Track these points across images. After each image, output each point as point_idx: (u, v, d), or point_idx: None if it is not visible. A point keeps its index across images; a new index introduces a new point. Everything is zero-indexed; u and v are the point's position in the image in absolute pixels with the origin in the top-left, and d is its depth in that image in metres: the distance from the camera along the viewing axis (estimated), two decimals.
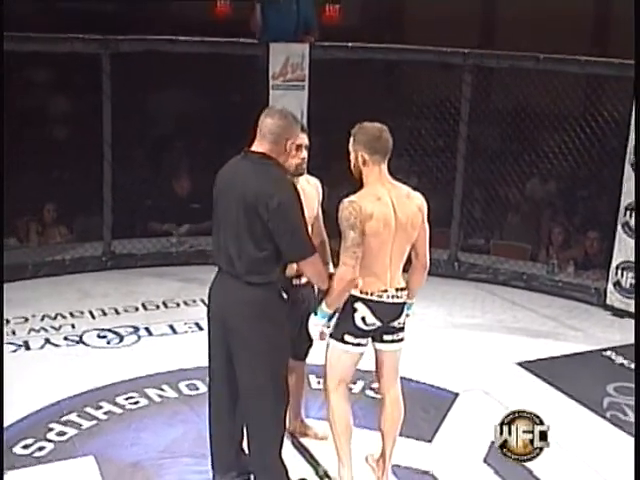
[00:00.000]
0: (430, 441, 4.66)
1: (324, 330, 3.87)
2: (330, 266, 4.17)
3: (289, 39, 7.09)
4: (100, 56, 6.83)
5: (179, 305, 6.54)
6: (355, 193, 3.82)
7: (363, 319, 3.85)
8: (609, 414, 5.08)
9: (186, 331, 6.06)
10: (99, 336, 5.92)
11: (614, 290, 6.70)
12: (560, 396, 5.29)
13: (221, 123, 7.97)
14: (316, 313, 3.83)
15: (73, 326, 6.06)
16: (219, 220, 3.79)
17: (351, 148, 3.88)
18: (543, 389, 5.39)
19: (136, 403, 4.97)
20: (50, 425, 4.67)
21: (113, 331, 6.00)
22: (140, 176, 8.20)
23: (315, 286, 4.03)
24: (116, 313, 6.33)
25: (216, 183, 3.83)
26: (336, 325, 3.88)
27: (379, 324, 3.88)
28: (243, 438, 4.00)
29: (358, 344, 3.89)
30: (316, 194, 4.24)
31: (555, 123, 7.47)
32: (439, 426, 4.81)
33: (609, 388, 5.40)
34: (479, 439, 4.65)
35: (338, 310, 3.85)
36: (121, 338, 5.91)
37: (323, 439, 4.44)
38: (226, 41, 7.18)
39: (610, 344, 6.11)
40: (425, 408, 4.99)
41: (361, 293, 3.83)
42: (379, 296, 3.85)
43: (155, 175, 8.40)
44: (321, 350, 4.02)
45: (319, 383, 4.86)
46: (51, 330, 5.97)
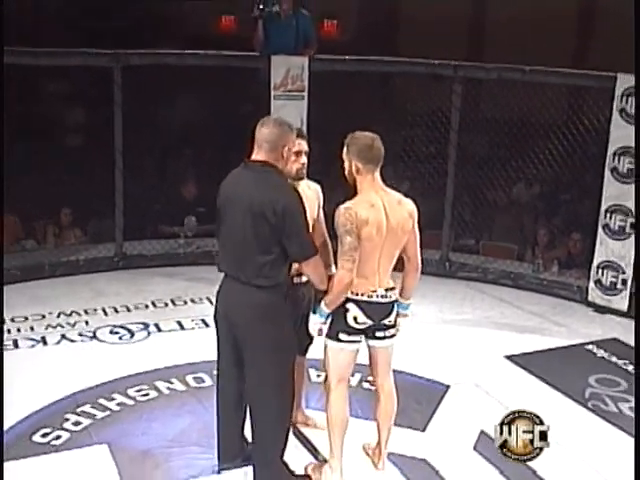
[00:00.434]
0: (423, 430, 4.67)
1: (322, 328, 3.87)
2: (332, 267, 4.16)
3: (289, 52, 7.09)
4: (112, 69, 6.83)
5: (186, 303, 6.54)
6: (349, 199, 3.82)
7: (355, 318, 3.86)
8: (590, 404, 5.09)
9: (193, 327, 6.06)
10: (111, 332, 5.92)
11: (595, 288, 6.71)
12: (545, 387, 5.30)
13: (225, 131, 7.96)
14: (315, 312, 3.84)
15: (87, 323, 6.06)
16: (225, 229, 3.78)
17: (345, 157, 3.86)
18: (529, 381, 5.40)
19: (146, 395, 4.98)
20: (66, 415, 4.68)
21: (125, 327, 6.00)
22: (149, 182, 8.21)
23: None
24: (127, 310, 6.34)
25: (220, 193, 3.81)
26: (330, 325, 3.89)
27: (370, 322, 3.89)
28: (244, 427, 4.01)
29: (352, 341, 3.90)
30: (316, 198, 4.24)
31: (540, 131, 7.48)
32: (431, 416, 4.82)
33: (591, 380, 5.41)
34: (469, 428, 4.67)
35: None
36: (132, 334, 5.91)
37: (322, 429, 4.44)
38: (230, 54, 7.18)
39: (592, 338, 6.12)
40: (418, 399, 5.00)
41: (352, 294, 3.83)
42: (369, 296, 3.85)
43: (163, 181, 8.40)
44: (320, 345, 4.03)
45: (318, 377, 4.89)
46: (67, 326, 5.98)
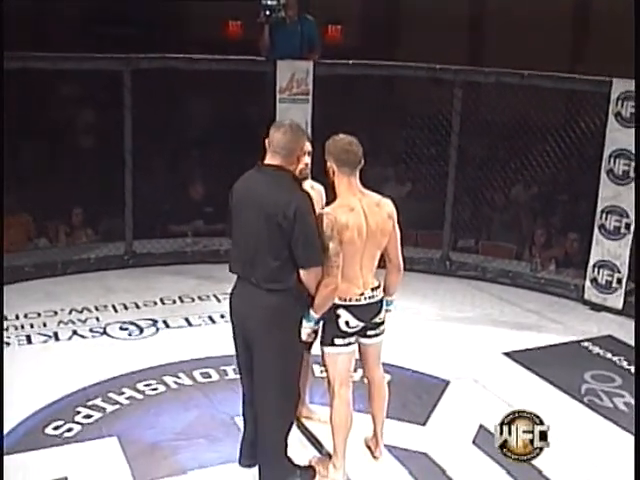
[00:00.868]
0: (424, 424, 4.68)
1: (315, 331, 3.86)
2: None
3: (295, 57, 7.09)
4: (122, 73, 6.84)
5: (194, 300, 6.54)
6: (332, 202, 3.80)
7: (347, 323, 3.86)
8: (586, 399, 5.09)
9: (200, 324, 6.07)
10: (121, 328, 5.93)
11: (591, 286, 6.70)
12: (542, 383, 5.30)
13: (232, 133, 7.96)
14: (305, 317, 3.79)
15: (98, 319, 6.07)
16: (238, 231, 3.74)
17: (326, 159, 3.83)
18: (527, 377, 5.40)
19: (155, 389, 4.99)
20: (77, 409, 4.70)
21: (134, 324, 6.01)
22: (158, 182, 8.22)
23: None
24: (137, 307, 6.34)
25: (233, 196, 3.76)
26: (324, 332, 3.88)
27: (362, 324, 3.89)
28: None
29: (348, 343, 3.90)
30: (320, 199, 4.23)
31: (538, 134, 7.46)
32: (432, 411, 4.83)
33: (586, 376, 5.41)
34: (469, 423, 4.67)
35: (324, 315, 3.82)
36: (141, 330, 5.92)
37: (325, 423, 4.44)
38: (237, 59, 7.18)
39: (587, 336, 6.12)
40: (419, 394, 5.01)
41: (340, 300, 3.81)
42: (357, 300, 3.84)
43: (172, 181, 8.40)
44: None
45: (322, 372, 4.88)
46: (78, 322, 5.99)
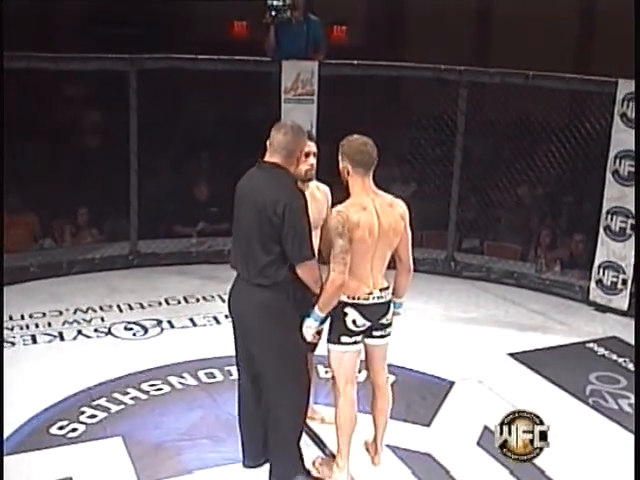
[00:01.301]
0: (428, 425, 4.68)
1: (320, 331, 3.85)
2: None
3: (300, 57, 7.10)
4: (127, 73, 6.85)
5: (198, 300, 6.55)
6: (343, 202, 3.81)
7: (354, 321, 3.85)
8: (591, 400, 5.08)
9: (205, 324, 6.08)
10: (126, 328, 5.93)
11: (596, 287, 6.69)
12: (547, 384, 5.29)
13: (237, 133, 7.97)
14: (309, 316, 3.79)
15: (103, 319, 6.08)
16: (236, 227, 3.80)
17: (340, 159, 3.85)
18: (532, 378, 5.39)
19: (159, 390, 5.00)
20: (82, 409, 4.70)
21: (139, 324, 6.02)
22: (163, 183, 8.23)
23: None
24: (141, 307, 6.35)
25: (236, 193, 3.82)
26: (330, 330, 3.88)
27: (369, 324, 3.88)
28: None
29: (354, 342, 3.89)
30: (325, 200, 4.24)
31: (543, 134, 7.45)
32: (436, 412, 4.82)
33: (591, 377, 5.40)
34: (473, 424, 4.67)
35: (330, 314, 3.82)
36: (146, 330, 5.93)
37: (330, 423, 4.44)
38: (242, 59, 7.18)
39: (592, 337, 6.11)
40: (424, 395, 5.00)
41: (349, 298, 3.81)
42: (365, 299, 3.84)
43: (177, 182, 8.41)
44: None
45: (326, 372, 4.88)
46: (83, 322, 5.99)
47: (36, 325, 5.89)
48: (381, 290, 3.89)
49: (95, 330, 5.88)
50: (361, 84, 7.90)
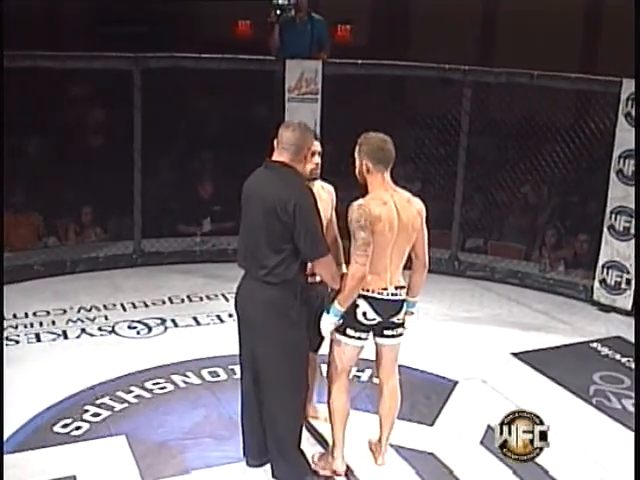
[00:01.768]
0: (432, 425, 4.68)
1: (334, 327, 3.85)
2: (342, 267, 4.14)
3: (304, 56, 7.10)
4: (131, 72, 6.85)
5: (202, 299, 6.55)
6: (361, 197, 3.82)
7: (364, 314, 3.85)
8: (595, 400, 5.08)
9: (208, 323, 6.08)
10: (130, 327, 5.94)
11: (600, 287, 6.68)
12: (550, 384, 5.29)
13: (241, 132, 7.98)
14: (329, 311, 3.80)
15: (106, 317, 6.09)
16: (244, 225, 3.80)
17: (357, 156, 3.87)
18: (535, 377, 5.39)
19: (163, 388, 5.00)
20: (86, 407, 4.71)
21: (142, 322, 6.02)
22: (167, 182, 8.23)
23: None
24: (145, 306, 6.36)
25: (243, 192, 3.83)
26: (341, 321, 3.88)
27: (379, 319, 3.88)
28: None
29: (359, 337, 3.90)
30: (330, 200, 4.23)
31: (547, 134, 7.44)
32: (440, 411, 4.82)
33: (595, 377, 5.39)
34: (476, 423, 4.67)
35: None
36: (149, 329, 5.93)
37: None
38: (246, 58, 7.19)
39: (596, 336, 6.10)
40: (427, 395, 5.00)
41: (363, 290, 3.82)
42: (379, 293, 3.85)
43: (180, 181, 8.42)
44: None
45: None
46: (87, 321, 6.00)
47: (40, 323, 5.90)
48: (396, 288, 3.89)
49: (99, 329, 5.89)
50: (365, 83, 7.90)
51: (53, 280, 6.78)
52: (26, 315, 6.01)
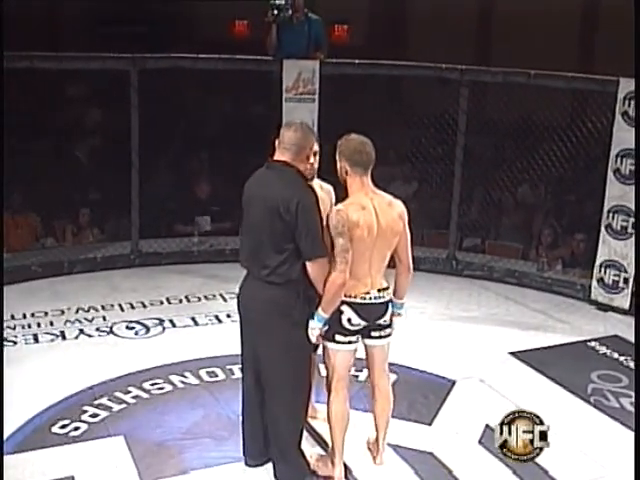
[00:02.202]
0: (430, 424, 4.67)
1: (320, 333, 3.83)
2: None
3: (301, 56, 7.09)
4: (129, 72, 6.84)
5: (200, 299, 6.54)
6: (343, 201, 3.82)
7: (349, 320, 3.84)
8: (593, 399, 5.08)
9: (207, 323, 6.07)
10: (128, 327, 5.93)
11: (598, 286, 6.68)
12: (548, 383, 5.29)
13: (238, 132, 7.97)
14: (313, 317, 3.79)
15: (104, 318, 6.08)
16: (246, 225, 3.80)
17: (337, 158, 3.85)
18: (533, 377, 5.38)
19: (161, 389, 4.99)
20: (84, 408, 4.70)
21: (140, 323, 6.02)
22: (164, 182, 8.22)
23: None
24: (143, 306, 6.35)
25: (244, 193, 3.83)
26: (326, 327, 3.87)
27: (365, 323, 3.87)
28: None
29: (349, 342, 3.89)
30: (328, 199, 4.22)
31: (544, 133, 7.45)
32: (438, 410, 4.82)
33: (593, 376, 5.39)
34: (475, 423, 4.66)
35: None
36: (147, 329, 5.93)
37: None
38: (243, 58, 7.18)
39: (594, 335, 6.10)
40: (425, 394, 5.00)
41: (345, 296, 3.80)
42: (362, 298, 3.84)
43: (178, 181, 8.41)
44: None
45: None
46: (85, 322, 6.00)
47: (38, 324, 5.90)
48: (379, 290, 3.88)
49: (97, 329, 5.88)
50: (362, 83, 7.90)
51: (51, 281, 6.78)
52: (24, 316, 6.00)
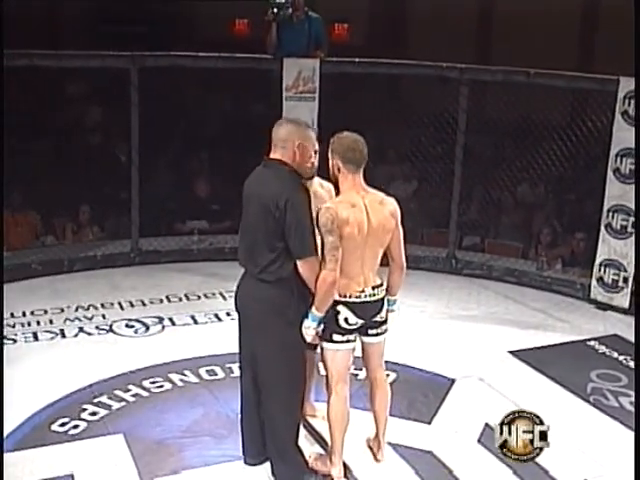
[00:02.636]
0: (429, 423, 4.67)
1: (317, 331, 3.82)
2: None
3: (301, 54, 7.09)
4: (129, 71, 6.84)
5: (200, 298, 6.54)
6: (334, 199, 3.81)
7: (346, 320, 3.84)
8: (592, 398, 5.07)
9: (206, 322, 6.07)
10: (127, 325, 5.93)
11: (597, 285, 6.68)
12: (547, 382, 5.28)
13: (238, 131, 7.97)
14: (307, 317, 3.77)
15: (104, 316, 6.07)
16: (243, 224, 3.81)
17: (329, 156, 3.83)
18: (532, 375, 5.38)
19: (161, 387, 4.99)
20: (83, 406, 4.70)
21: (140, 321, 6.01)
22: (164, 180, 8.21)
23: None
24: (143, 305, 6.34)
25: (244, 190, 3.83)
26: (323, 328, 3.86)
27: (362, 322, 3.87)
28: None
29: (347, 341, 3.88)
30: (329, 197, 4.20)
31: (544, 132, 7.44)
32: (437, 409, 4.82)
33: (592, 375, 5.39)
34: (474, 421, 4.66)
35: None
36: (147, 327, 5.92)
37: None
38: (243, 56, 7.17)
39: (593, 335, 6.09)
40: (425, 393, 4.99)
41: (340, 296, 3.80)
42: (357, 297, 3.83)
43: (178, 179, 8.40)
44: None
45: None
46: (84, 320, 5.99)
47: (37, 322, 5.89)
48: (374, 288, 3.88)
49: (96, 327, 5.87)
50: (362, 82, 7.89)
51: (50, 279, 6.77)
52: (23, 314, 6.00)
